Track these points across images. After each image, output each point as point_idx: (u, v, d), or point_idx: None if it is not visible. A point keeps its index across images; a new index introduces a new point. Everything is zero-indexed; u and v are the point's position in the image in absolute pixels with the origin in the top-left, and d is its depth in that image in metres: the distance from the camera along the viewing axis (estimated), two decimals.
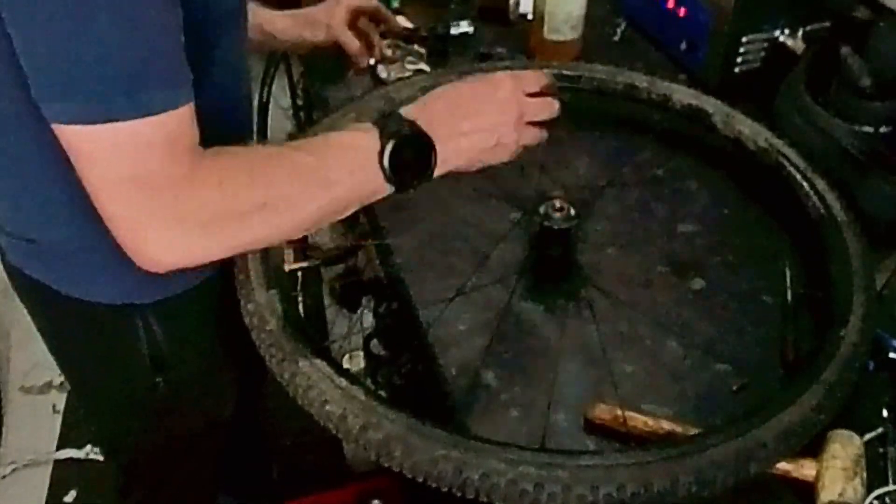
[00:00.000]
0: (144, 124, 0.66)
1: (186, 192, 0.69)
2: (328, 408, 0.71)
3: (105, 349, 1.00)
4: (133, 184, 0.67)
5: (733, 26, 1.22)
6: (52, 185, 0.82)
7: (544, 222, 0.90)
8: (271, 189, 0.72)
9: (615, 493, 0.64)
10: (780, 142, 1.04)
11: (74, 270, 0.91)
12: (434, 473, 0.66)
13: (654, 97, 1.14)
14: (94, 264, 0.88)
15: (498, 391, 0.84)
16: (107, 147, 0.66)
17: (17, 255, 0.94)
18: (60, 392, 2.09)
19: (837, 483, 0.73)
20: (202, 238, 0.70)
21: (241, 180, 0.71)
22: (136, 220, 0.69)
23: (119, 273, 0.83)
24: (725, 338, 0.90)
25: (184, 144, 0.69)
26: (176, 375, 1.02)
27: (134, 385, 1.02)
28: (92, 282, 0.92)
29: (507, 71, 0.88)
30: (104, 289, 0.92)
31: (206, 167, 0.70)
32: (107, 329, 0.97)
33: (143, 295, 0.94)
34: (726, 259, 1.00)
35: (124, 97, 0.65)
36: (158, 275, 0.77)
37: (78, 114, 0.65)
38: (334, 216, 0.77)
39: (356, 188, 0.76)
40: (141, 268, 0.72)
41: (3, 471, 1.92)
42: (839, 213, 0.95)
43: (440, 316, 0.90)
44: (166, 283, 0.93)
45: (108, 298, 0.93)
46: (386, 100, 1.10)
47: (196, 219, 0.69)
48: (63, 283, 0.93)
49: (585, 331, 0.88)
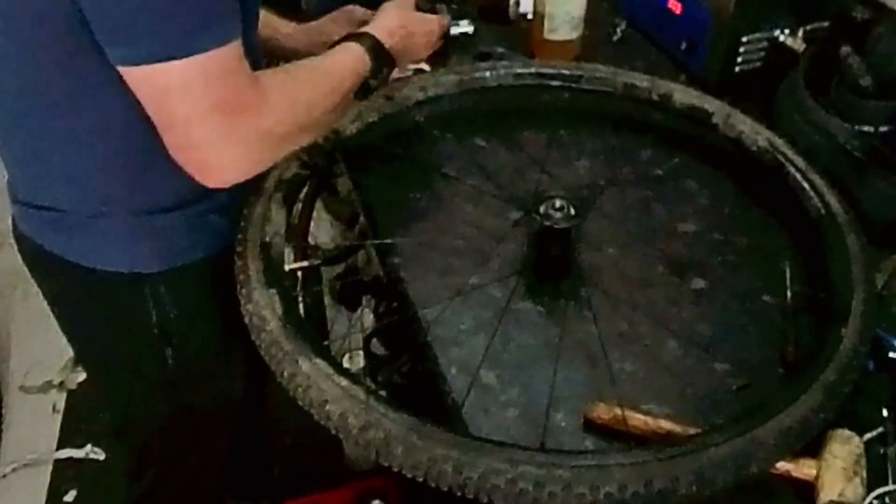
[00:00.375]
0: (227, 51, 0.75)
1: (265, 110, 0.79)
2: (328, 407, 0.71)
3: (115, 321, 1.02)
4: (224, 107, 0.76)
5: (733, 26, 1.22)
6: (84, 152, 0.87)
7: (544, 222, 0.90)
8: (321, 102, 0.88)
9: (615, 493, 0.64)
10: (780, 141, 1.04)
11: (90, 239, 0.94)
12: (434, 473, 0.66)
13: (654, 97, 1.14)
14: (111, 232, 0.92)
15: (498, 391, 0.84)
16: (199, 77, 0.74)
17: (31, 226, 0.96)
18: (60, 392, 2.09)
19: (837, 483, 0.73)
20: (274, 151, 0.84)
21: (303, 98, 0.86)
22: (222, 142, 0.77)
23: (133, 241, 0.94)
24: (725, 337, 0.90)
25: (249, 68, 0.79)
26: (185, 349, 1.03)
27: (144, 358, 1.04)
28: (106, 250, 0.94)
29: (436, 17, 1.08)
30: (118, 257, 0.95)
31: (274, 88, 0.81)
32: (117, 300, 0.99)
33: (154, 264, 0.96)
34: (726, 259, 1.00)
35: (209, 28, 0.74)
36: (170, 244, 0.95)
37: (174, 49, 0.73)
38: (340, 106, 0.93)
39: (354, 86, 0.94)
40: (154, 235, 0.90)
41: (3, 470, 1.92)
42: (839, 212, 0.95)
43: (440, 315, 0.90)
44: (177, 253, 0.97)
45: (120, 267, 0.95)
46: (386, 99, 1.10)
47: (273, 134, 0.81)
48: (77, 253, 0.95)
49: (585, 330, 0.88)
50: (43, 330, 2.22)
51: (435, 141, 1.14)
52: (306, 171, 1.00)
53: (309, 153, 1.00)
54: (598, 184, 1.08)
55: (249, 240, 0.88)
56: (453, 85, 1.15)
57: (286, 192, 0.95)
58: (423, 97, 1.14)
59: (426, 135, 1.14)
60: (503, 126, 1.19)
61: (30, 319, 2.25)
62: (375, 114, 1.09)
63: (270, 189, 0.94)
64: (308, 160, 1.00)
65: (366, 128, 1.08)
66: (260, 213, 0.91)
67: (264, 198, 0.93)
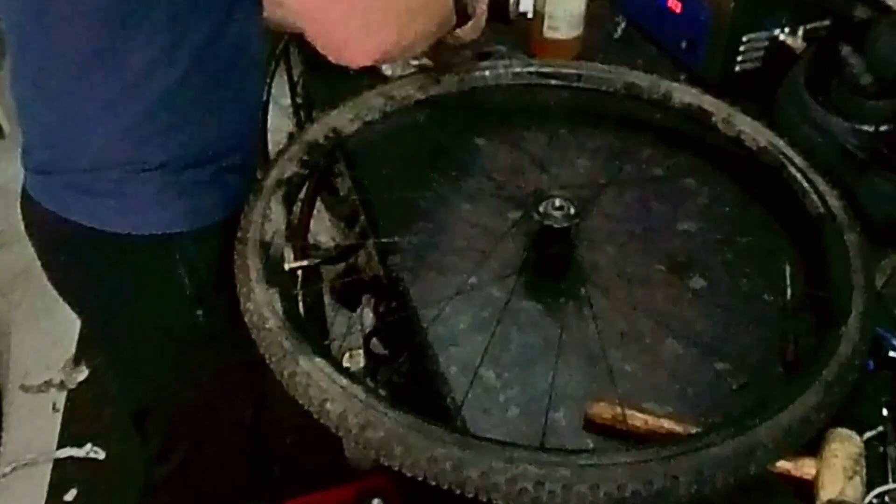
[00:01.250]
0: None
1: None
2: (328, 406, 0.71)
3: (147, 286, 1.03)
4: None
5: (733, 25, 1.22)
6: (120, 110, 0.88)
7: (544, 221, 0.90)
8: None
9: (615, 492, 0.64)
10: (780, 140, 1.04)
11: (123, 202, 0.94)
12: (434, 472, 0.66)
13: (654, 96, 1.14)
14: (143, 193, 0.93)
15: (498, 390, 0.84)
16: None
17: (55, 195, 0.96)
18: (60, 391, 2.09)
19: (837, 482, 0.73)
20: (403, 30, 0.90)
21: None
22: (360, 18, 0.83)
23: (167, 201, 0.95)
24: (725, 336, 0.90)
25: None
26: (215, 309, 1.04)
27: (177, 320, 1.05)
28: (139, 213, 0.95)
29: None
30: (152, 218, 0.96)
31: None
32: (149, 264, 1.00)
33: (185, 223, 0.97)
34: (726, 258, 1.00)
35: None
36: (198, 203, 0.97)
37: None
38: None
39: None
40: (184, 194, 0.94)
41: (3, 469, 1.92)
42: (839, 211, 0.95)
43: (440, 314, 0.90)
44: (205, 212, 0.99)
45: (154, 229, 0.96)
46: (387, 97, 1.10)
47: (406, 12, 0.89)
48: (106, 219, 0.95)
49: (585, 329, 0.88)
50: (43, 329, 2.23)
51: (435, 140, 1.14)
52: (306, 170, 1.00)
53: (309, 152, 1.00)
54: (597, 183, 1.08)
55: (249, 239, 0.88)
56: (453, 84, 1.15)
57: (286, 191, 0.95)
58: (422, 96, 1.14)
59: (426, 134, 1.14)
60: (503, 125, 1.19)
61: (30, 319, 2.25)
62: (375, 113, 1.09)
63: (270, 188, 0.94)
64: (308, 159, 1.00)
65: (366, 126, 1.08)
66: (260, 211, 0.91)
67: (264, 196, 0.93)
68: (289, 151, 0.99)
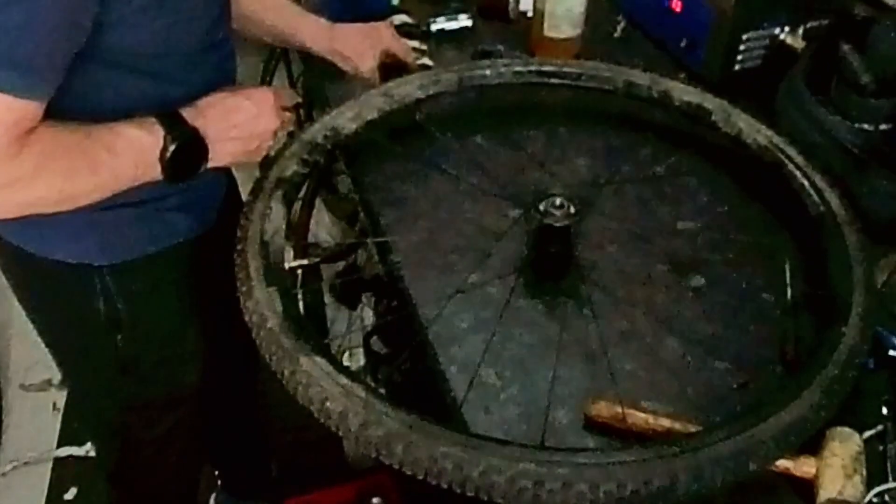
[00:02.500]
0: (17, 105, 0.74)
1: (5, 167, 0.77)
2: (328, 405, 0.71)
3: (66, 309, 1.07)
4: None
5: (734, 24, 1.22)
6: None
7: (544, 220, 0.90)
8: (73, 181, 0.83)
9: (615, 491, 0.64)
10: (780, 139, 1.04)
11: (40, 230, 0.97)
12: (434, 470, 0.66)
13: (654, 95, 1.14)
14: (58, 224, 0.92)
15: (498, 389, 0.84)
16: None
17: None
18: (60, 390, 2.09)
19: (837, 480, 0.73)
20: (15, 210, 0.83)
21: (54, 169, 0.81)
22: None
23: (79, 234, 0.97)
24: (725, 335, 0.90)
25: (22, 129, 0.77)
26: (134, 335, 1.08)
27: (95, 344, 1.09)
28: (54, 241, 0.99)
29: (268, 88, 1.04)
30: (65, 248, 0.99)
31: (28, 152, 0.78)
32: (66, 288, 1.04)
33: (101, 257, 1.01)
34: (726, 257, 1.00)
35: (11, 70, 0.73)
36: (118, 239, 0.97)
37: None
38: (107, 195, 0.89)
39: (137, 178, 0.88)
40: (101, 230, 0.93)
41: (3, 468, 1.92)
42: (839, 210, 0.95)
43: (440, 313, 0.90)
44: (125, 248, 1.02)
45: (67, 258, 1.00)
46: (386, 97, 1.10)
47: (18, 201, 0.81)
48: (29, 242, 0.99)
49: (585, 328, 0.88)
50: None
51: (435, 139, 1.14)
52: (306, 170, 1.00)
53: (309, 151, 1.00)
54: (597, 182, 1.09)
55: (249, 238, 0.88)
56: (453, 83, 1.15)
57: (286, 191, 0.95)
58: (422, 95, 1.13)
59: (426, 133, 1.14)
60: (503, 124, 1.19)
61: None
62: (375, 112, 1.09)
63: (270, 187, 0.94)
64: (308, 158, 1.00)
65: (365, 126, 1.08)
66: (260, 211, 0.91)
67: (264, 196, 0.93)
68: (289, 150, 0.99)
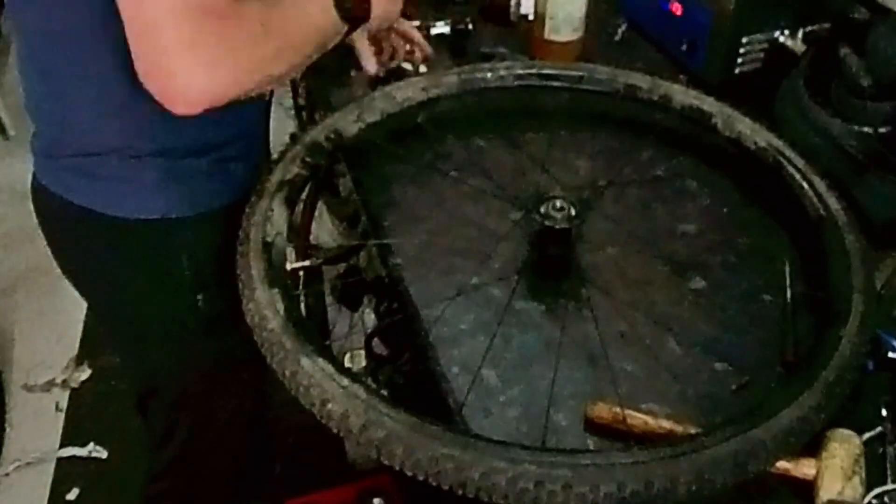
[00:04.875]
0: None
1: (238, 24, 0.77)
2: (330, 406, 0.71)
3: (147, 270, 1.04)
4: (197, 9, 0.73)
5: (733, 27, 1.22)
6: (110, 91, 0.88)
7: (545, 222, 0.91)
8: (288, 37, 0.85)
9: (615, 492, 0.64)
10: (779, 142, 1.05)
11: (123, 186, 0.96)
12: (435, 472, 0.66)
13: (654, 98, 1.14)
14: (143, 178, 0.94)
15: (498, 390, 0.84)
16: None
17: (58, 179, 0.98)
18: (63, 390, 2.10)
19: (836, 482, 0.73)
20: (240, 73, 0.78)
21: (274, 26, 0.82)
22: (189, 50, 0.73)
23: (165, 186, 0.96)
24: (725, 337, 0.90)
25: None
26: (215, 293, 1.05)
27: (177, 305, 1.07)
28: (138, 197, 0.97)
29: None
30: (150, 203, 0.98)
31: (250, 9, 0.78)
32: (149, 248, 1.02)
33: (185, 208, 0.99)
34: (726, 259, 1.00)
35: None
36: (198, 189, 0.98)
37: None
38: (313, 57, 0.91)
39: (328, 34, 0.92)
40: (184, 180, 0.95)
41: (6, 469, 1.93)
42: (838, 212, 0.95)
43: (441, 315, 0.90)
44: (205, 198, 1.01)
45: (153, 213, 0.98)
46: (388, 99, 1.10)
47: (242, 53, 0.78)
48: (107, 203, 0.97)
49: (586, 330, 0.89)
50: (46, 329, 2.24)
51: (436, 141, 1.15)
52: (308, 172, 1.00)
53: (311, 153, 1.01)
54: (598, 184, 1.09)
55: (251, 239, 0.88)
56: (454, 85, 1.16)
57: (288, 193, 0.95)
58: (424, 97, 1.14)
59: (427, 135, 1.15)
60: (504, 126, 1.20)
61: (33, 318, 2.26)
62: (377, 114, 1.09)
63: (272, 189, 0.94)
64: (310, 160, 1.00)
65: (367, 128, 1.09)
66: (262, 212, 0.91)
67: (266, 198, 0.93)
68: (291, 152, 1.00)
